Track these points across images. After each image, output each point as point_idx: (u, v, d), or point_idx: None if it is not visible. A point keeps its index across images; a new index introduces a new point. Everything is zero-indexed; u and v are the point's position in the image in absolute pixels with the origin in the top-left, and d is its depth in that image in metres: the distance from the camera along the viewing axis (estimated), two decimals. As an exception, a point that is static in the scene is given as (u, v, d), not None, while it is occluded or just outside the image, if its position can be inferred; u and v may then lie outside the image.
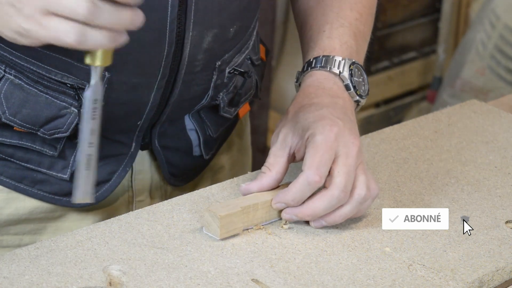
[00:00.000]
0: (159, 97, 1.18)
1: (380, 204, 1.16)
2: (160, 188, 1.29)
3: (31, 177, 1.19)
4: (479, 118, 1.41)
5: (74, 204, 1.18)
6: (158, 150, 1.25)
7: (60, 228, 1.23)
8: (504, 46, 2.89)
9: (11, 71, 1.14)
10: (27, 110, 1.14)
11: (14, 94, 1.14)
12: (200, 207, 1.12)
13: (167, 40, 1.12)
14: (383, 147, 1.31)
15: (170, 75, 1.16)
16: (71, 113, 1.15)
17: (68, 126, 1.15)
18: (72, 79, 1.13)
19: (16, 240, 1.21)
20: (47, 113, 1.14)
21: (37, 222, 1.22)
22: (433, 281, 1.02)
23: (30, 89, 1.14)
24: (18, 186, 1.19)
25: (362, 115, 3.17)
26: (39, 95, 1.14)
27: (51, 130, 1.15)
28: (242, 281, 1.00)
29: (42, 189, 1.19)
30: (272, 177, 1.11)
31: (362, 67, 1.20)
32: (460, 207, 1.17)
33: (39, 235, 1.22)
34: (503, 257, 1.07)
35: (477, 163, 1.28)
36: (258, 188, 1.11)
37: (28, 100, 1.14)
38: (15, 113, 1.14)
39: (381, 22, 3.10)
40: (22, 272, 0.98)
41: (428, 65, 3.31)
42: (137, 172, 1.26)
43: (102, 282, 0.98)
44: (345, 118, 1.12)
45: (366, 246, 1.08)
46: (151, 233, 1.07)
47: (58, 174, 1.19)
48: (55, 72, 1.13)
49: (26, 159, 1.18)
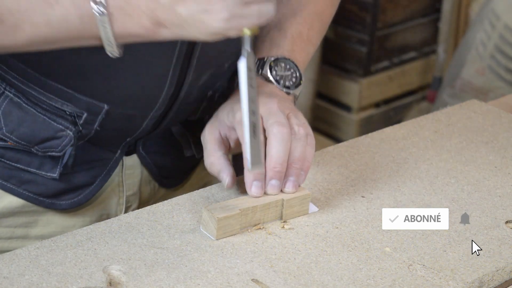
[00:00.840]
0: (152, 124, 1.21)
1: (380, 204, 1.16)
2: (149, 182, 1.30)
3: (18, 176, 1.19)
4: (479, 118, 1.41)
5: (61, 205, 1.22)
6: (143, 155, 1.27)
7: (52, 221, 1.23)
8: (504, 46, 2.89)
9: (11, 89, 1.14)
10: (24, 129, 1.15)
11: (12, 112, 1.14)
12: (200, 207, 1.12)
13: (167, 83, 1.15)
14: (383, 147, 1.31)
15: (165, 108, 1.19)
16: (67, 136, 1.16)
17: (63, 148, 1.17)
18: (71, 107, 1.15)
19: (8, 232, 1.22)
20: (43, 134, 1.15)
21: (29, 215, 1.22)
22: (433, 281, 1.02)
23: (28, 109, 1.15)
24: (5, 185, 1.19)
25: (362, 115, 3.17)
26: (37, 116, 1.15)
27: (45, 149, 1.17)
28: (242, 281, 1.00)
29: (28, 189, 1.20)
30: (229, 176, 1.12)
31: (291, 60, 1.23)
32: (460, 207, 1.17)
33: (30, 228, 1.23)
34: (503, 257, 1.07)
35: (477, 163, 1.28)
36: (231, 181, 1.12)
37: (25, 119, 1.15)
38: (12, 130, 1.15)
39: (381, 22, 3.10)
40: (22, 272, 0.98)
41: (428, 65, 3.31)
42: (127, 167, 1.27)
43: (102, 282, 0.98)
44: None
45: (366, 246, 1.08)
46: (151, 233, 1.07)
47: (48, 174, 1.19)
48: (55, 99, 1.14)
49: (16, 159, 1.18)
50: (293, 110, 1.15)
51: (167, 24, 0.99)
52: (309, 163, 1.12)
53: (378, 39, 3.11)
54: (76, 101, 1.14)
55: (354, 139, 1.33)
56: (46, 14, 0.97)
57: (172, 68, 1.13)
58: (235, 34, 0.99)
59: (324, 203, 1.16)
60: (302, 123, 1.13)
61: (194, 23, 0.97)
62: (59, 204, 1.22)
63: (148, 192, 1.31)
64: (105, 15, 0.97)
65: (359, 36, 3.09)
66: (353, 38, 3.10)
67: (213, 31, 0.98)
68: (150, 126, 1.21)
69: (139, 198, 1.30)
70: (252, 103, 1.02)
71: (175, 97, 1.18)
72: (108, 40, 0.99)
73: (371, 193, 1.19)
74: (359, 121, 3.16)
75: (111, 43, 1.00)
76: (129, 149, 1.26)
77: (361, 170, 1.24)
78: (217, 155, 1.13)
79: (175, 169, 1.32)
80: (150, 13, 0.98)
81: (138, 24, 0.99)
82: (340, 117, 3.19)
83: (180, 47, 1.12)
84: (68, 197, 1.22)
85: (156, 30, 1.00)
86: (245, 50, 1.01)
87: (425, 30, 3.28)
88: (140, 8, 0.98)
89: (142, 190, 1.30)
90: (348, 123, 3.17)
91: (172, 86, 1.15)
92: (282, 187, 1.11)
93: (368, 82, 3.13)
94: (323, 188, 1.19)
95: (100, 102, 1.14)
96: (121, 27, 0.99)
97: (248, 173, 1.09)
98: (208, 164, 1.14)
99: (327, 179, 1.21)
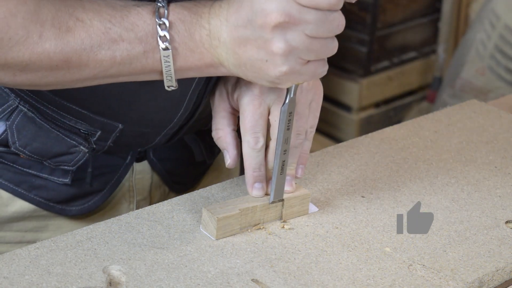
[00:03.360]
0: (165, 139, 1.21)
1: (380, 204, 1.16)
2: (160, 187, 1.30)
3: (29, 181, 1.19)
4: (479, 118, 1.41)
5: (71, 211, 1.22)
6: (154, 162, 1.27)
7: (62, 226, 1.23)
8: (504, 46, 2.89)
9: (25, 104, 1.14)
10: (37, 144, 1.15)
11: (26, 127, 1.14)
12: (200, 207, 1.12)
13: (183, 106, 1.15)
14: (383, 147, 1.31)
15: (179, 126, 1.19)
16: (80, 152, 1.16)
17: (75, 163, 1.17)
18: (85, 126, 1.15)
19: (18, 236, 1.22)
20: (56, 149, 1.15)
21: (40, 220, 1.22)
22: (433, 281, 1.02)
23: (42, 124, 1.15)
24: (16, 190, 1.19)
25: (362, 115, 3.17)
26: (51, 131, 1.15)
27: (57, 163, 1.17)
28: (242, 281, 1.00)
29: (39, 194, 1.20)
30: (231, 158, 1.11)
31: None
32: (460, 207, 1.17)
33: (40, 233, 1.23)
34: (503, 257, 1.07)
35: (477, 163, 1.28)
36: (234, 160, 1.11)
37: (39, 134, 1.15)
38: (25, 145, 1.15)
39: (381, 22, 3.10)
40: (22, 272, 0.98)
41: (428, 65, 3.31)
42: (138, 172, 1.27)
43: (102, 282, 0.98)
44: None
45: (366, 246, 1.08)
46: (151, 233, 1.07)
47: (59, 179, 1.19)
48: (69, 118, 1.14)
49: (28, 165, 1.18)
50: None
51: (226, 63, 0.99)
52: (306, 154, 1.13)
53: (378, 39, 3.11)
54: (90, 121, 1.14)
55: (354, 139, 1.33)
56: (110, 50, 0.97)
57: (189, 94, 1.13)
58: (288, 86, 1.01)
59: (324, 203, 1.16)
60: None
61: (252, 68, 0.98)
62: (69, 210, 1.22)
63: (159, 196, 1.30)
64: (169, 50, 0.97)
65: (359, 36, 3.09)
66: (353, 38, 3.10)
67: (269, 79, 0.99)
68: (163, 141, 1.21)
69: (149, 202, 1.29)
70: (285, 144, 1.06)
71: (190, 117, 1.18)
72: (168, 75, 0.99)
73: (371, 193, 1.19)
74: (359, 121, 3.16)
75: (171, 78, 1.00)
76: (140, 155, 1.26)
77: (361, 170, 1.24)
78: (226, 131, 1.11)
79: (186, 174, 1.32)
80: (212, 51, 0.98)
81: (200, 61, 0.99)
82: (340, 117, 3.19)
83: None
84: (78, 203, 1.22)
85: (215, 67, 1.00)
86: (289, 97, 1.04)
87: (425, 30, 3.28)
88: (203, 45, 0.98)
89: (152, 195, 1.30)
90: (348, 123, 3.17)
91: (188, 109, 1.15)
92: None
93: (368, 82, 3.13)
94: (323, 188, 1.19)
95: (115, 122, 1.14)
96: (183, 62, 0.99)
97: (250, 175, 1.09)
98: (215, 136, 1.12)
99: (327, 179, 1.21)
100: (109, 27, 0.96)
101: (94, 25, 0.96)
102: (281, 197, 1.10)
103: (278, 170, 1.07)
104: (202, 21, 0.98)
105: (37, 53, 0.95)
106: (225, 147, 1.10)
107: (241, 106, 1.07)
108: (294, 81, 1.00)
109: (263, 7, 0.94)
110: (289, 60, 0.96)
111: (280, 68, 0.97)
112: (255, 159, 1.07)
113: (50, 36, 0.95)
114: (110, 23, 0.96)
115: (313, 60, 0.98)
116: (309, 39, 0.95)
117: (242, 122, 1.07)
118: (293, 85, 1.03)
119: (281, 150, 1.06)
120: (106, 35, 0.96)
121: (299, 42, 0.95)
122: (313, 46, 0.96)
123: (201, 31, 0.98)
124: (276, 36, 0.95)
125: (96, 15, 0.96)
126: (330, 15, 0.95)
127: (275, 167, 1.07)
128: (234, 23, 0.96)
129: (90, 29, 0.96)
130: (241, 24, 0.96)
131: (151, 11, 0.97)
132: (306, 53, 0.96)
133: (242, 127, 1.07)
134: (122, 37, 0.97)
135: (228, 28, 0.97)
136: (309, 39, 0.95)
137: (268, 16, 0.94)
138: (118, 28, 0.96)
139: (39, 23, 0.94)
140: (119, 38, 0.97)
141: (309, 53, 0.96)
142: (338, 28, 0.97)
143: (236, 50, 0.97)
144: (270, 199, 1.09)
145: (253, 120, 1.06)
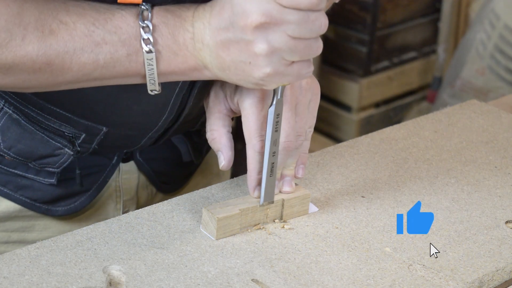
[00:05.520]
0: (150, 141, 1.21)
1: (380, 204, 1.16)
2: (147, 187, 1.30)
3: (15, 182, 1.19)
4: (479, 118, 1.41)
5: (57, 211, 1.22)
6: (140, 162, 1.26)
7: (48, 226, 1.23)
8: (504, 46, 2.89)
9: (10, 106, 1.14)
10: (22, 146, 1.15)
11: (11, 128, 1.14)
12: (200, 207, 1.12)
13: (168, 110, 1.14)
14: (383, 147, 1.31)
15: (164, 129, 1.19)
16: (65, 154, 1.16)
17: (60, 165, 1.17)
18: (69, 129, 1.15)
19: (4, 237, 1.22)
20: (41, 151, 1.15)
21: (26, 220, 1.22)
22: (433, 281, 1.02)
23: (27, 126, 1.15)
24: (2, 190, 1.19)
25: (362, 115, 3.17)
26: (35, 133, 1.15)
27: (42, 165, 1.17)
28: (242, 281, 1.00)
29: (24, 194, 1.20)
30: (226, 159, 1.10)
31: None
32: (460, 207, 1.17)
33: (27, 233, 1.23)
34: (503, 257, 1.07)
35: (477, 163, 1.28)
36: (228, 161, 1.10)
37: (24, 136, 1.15)
38: (10, 146, 1.15)
39: (381, 22, 3.10)
40: (22, 272, 0.98)
41: (428, 65, 3.31)
42: (124, 172, 1.27)
43: (102, 282, 0.98)
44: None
45: (366, 246, 1.08)
46: (151, 233, 1.07)
47: (45, 179, 1.19)
48: (53, 120, 1.14)
49: (14, 165, 1.18)
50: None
51: (209, 66, 0.99)
52: (306, 154, 1.12)
53: (378, 39, 3.11)
54: (74, 124, 1.14)
55: (354, 139, 1.33)
56: (93, 53, 0.97)
57: (173, 98, 1.13)
58: (273, 87, 1.00)
59: (324, 203, 1.16)
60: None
61: (235, 71, 0.98)
62: (55, 210, 1.22)
63: (146, 196, 1.30)
64: (153, 53, 0.97)
65: (359, 36, 3.09)
66: (353, 38, 3.10)
67: (253, 81, 0.98)
68: (148, 143, 1.21)
69: (136, 202, 1.29)
70: (274, 146, 1.05)
71: (175, 120, 1.18)
72: (151, 78, 0.99)
73: (371, 193, 1.19)
74: (359, 121, 3.16)
75: (154, 81, 0.99)
76: (126, 156, 1.26)
77: (361, 170, 1.24)
78: (221, 132, 1.10)
79: (173, 174, 1.32)
80: (196, 54, 0.98)
81: (183, 64, 0.99)
82: (340, 117, 3.19)
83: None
84: (64, 203, 1.22)
85: (199, 70, 1.00)
86: (276, 98, 1.03)
87: (425, 30, 3.28)
88: (187, 48, 0.98)
89: (139, 195, 1.30)
90: (348, 123, 3.17)
91: (172, 113, 1.15)
92: (280, 187, 1.11)
93: (368, 82, 3.13)
94: (323, 188, 1.19)
95: (99, 125, 1.14)
96: (166, 65, 0.99)
97: (253, 178, 1.08)
98: (209, 137, 1.11)
99: (327, 179, 1.21)
100: (92, 30, 0.96)
101: (78, 28, 0.95)
102: (272, 199, 1.09)
103: (268, 172, 1.07)
104: (186, 24, 0.97)
105: (20, 55, 0.95)
106: (219, 148, 1.10)
107: (243, 110, 1.07)
108: (279, 83, 0.99)
109: (244, 8, 0.93)
110: (272, 61, 0.96)
111: (264, 69, 0.96)
112: (260, 163, 1.07)
113: (33, 39, 0.94)
114: (94, 26, 0.96)
115: (297, 61, 0.97)
116: (291, 39, 0.95)
117: (246, 125, 1.06)
118: (280, 87, 1.03)
119: (269, 152, 1.05)
120: (90, 38, 0.96)
121: (281, 42, 0.94)
122: (296, 47, 0.95)
123: (185, 34, 0.97)
124: (258, 37, 0.94)
125: (80, 18, 0.96)
126: (311, 15, 0.94)
127: (264, 170, 1.06)
128: (217, 26, 0.96)
129: (73, 32, 0.95)
130: (223, 27, 0.95)
131: (135, 14, 0.97)
132: (289, 54, 0.96)
133: (246, 130, 1.06)
134: (106, 40, 0.96)
135: (210, 31, 0.96)
136: (291, 40, 0.95)
137: (249, 17, 0.93)
138: (101, 31, 0.96)
139: (22, 25, 0.94)
140: (102, 41, 0.96)
141: (293, 54, 0.96)
142: (320, 28, 0.96)
143: (220, 53, 0.97)
144: (260, 201, 1.09)
145: (258, 124, 1.06)
